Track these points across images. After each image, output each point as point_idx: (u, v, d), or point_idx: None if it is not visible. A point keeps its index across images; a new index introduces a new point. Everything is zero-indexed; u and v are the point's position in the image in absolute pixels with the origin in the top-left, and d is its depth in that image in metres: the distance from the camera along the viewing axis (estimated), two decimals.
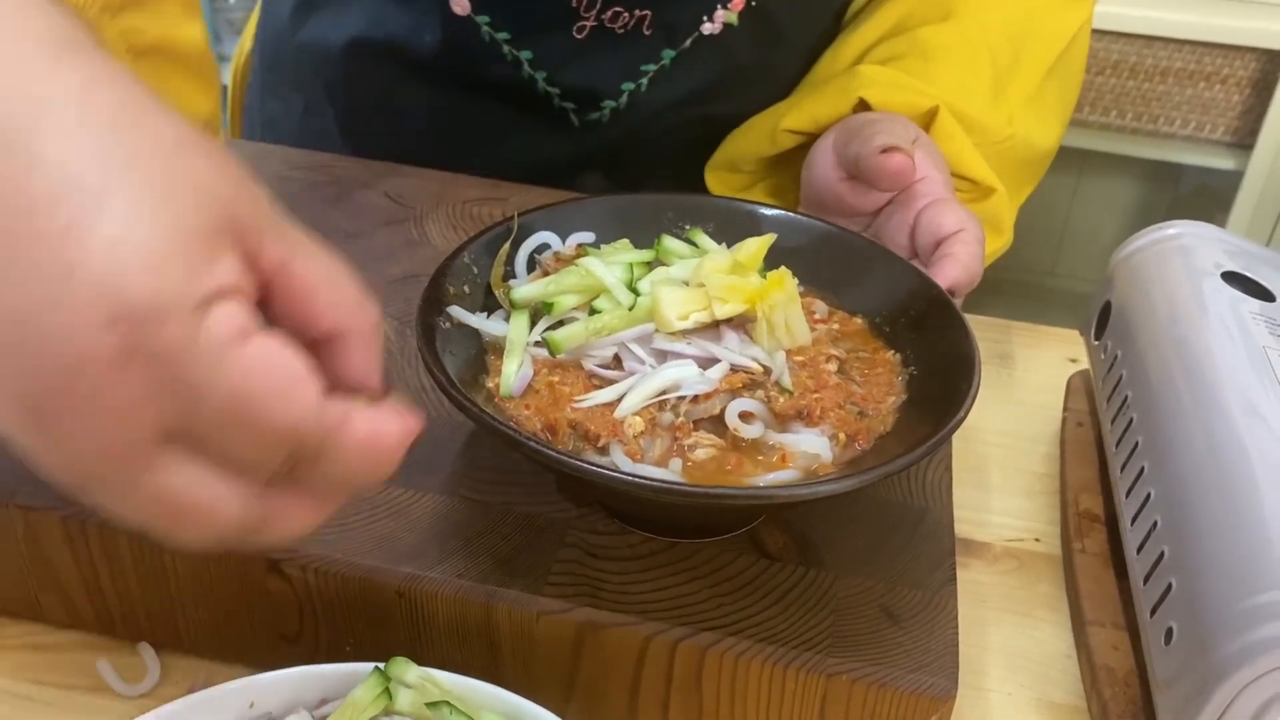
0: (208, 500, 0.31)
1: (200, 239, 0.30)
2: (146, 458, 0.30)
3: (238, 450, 0.31)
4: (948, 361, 0.50)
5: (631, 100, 0.77)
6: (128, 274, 0.28)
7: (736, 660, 0.46)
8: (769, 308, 0.50)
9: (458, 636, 0.48)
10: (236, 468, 0.32)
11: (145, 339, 0.29)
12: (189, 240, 0.30)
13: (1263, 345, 0.56)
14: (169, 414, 0.30)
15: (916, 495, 0.54)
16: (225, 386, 0.30)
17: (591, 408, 0.48)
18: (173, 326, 0.29)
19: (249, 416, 0.30)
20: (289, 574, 0.48)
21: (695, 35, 0.75)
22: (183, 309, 0.29)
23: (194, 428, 0.30)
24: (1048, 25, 0.79)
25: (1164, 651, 0.48)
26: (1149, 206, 2.19)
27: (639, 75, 0.76)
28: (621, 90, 0.76)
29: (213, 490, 0.31)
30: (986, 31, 0.75)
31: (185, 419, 0.30)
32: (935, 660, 0.46)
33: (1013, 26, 0.77)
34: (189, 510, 0.31)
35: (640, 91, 0.76)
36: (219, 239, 0.31)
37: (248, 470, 0.32)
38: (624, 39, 0.74)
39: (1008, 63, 0.75)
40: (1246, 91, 1.90)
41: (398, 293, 0.64)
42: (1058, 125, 0.82)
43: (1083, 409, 0.70)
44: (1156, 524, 0.52)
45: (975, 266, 0.59)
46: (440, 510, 0.50)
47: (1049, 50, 0.79)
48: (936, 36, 0.74)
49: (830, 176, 0.65)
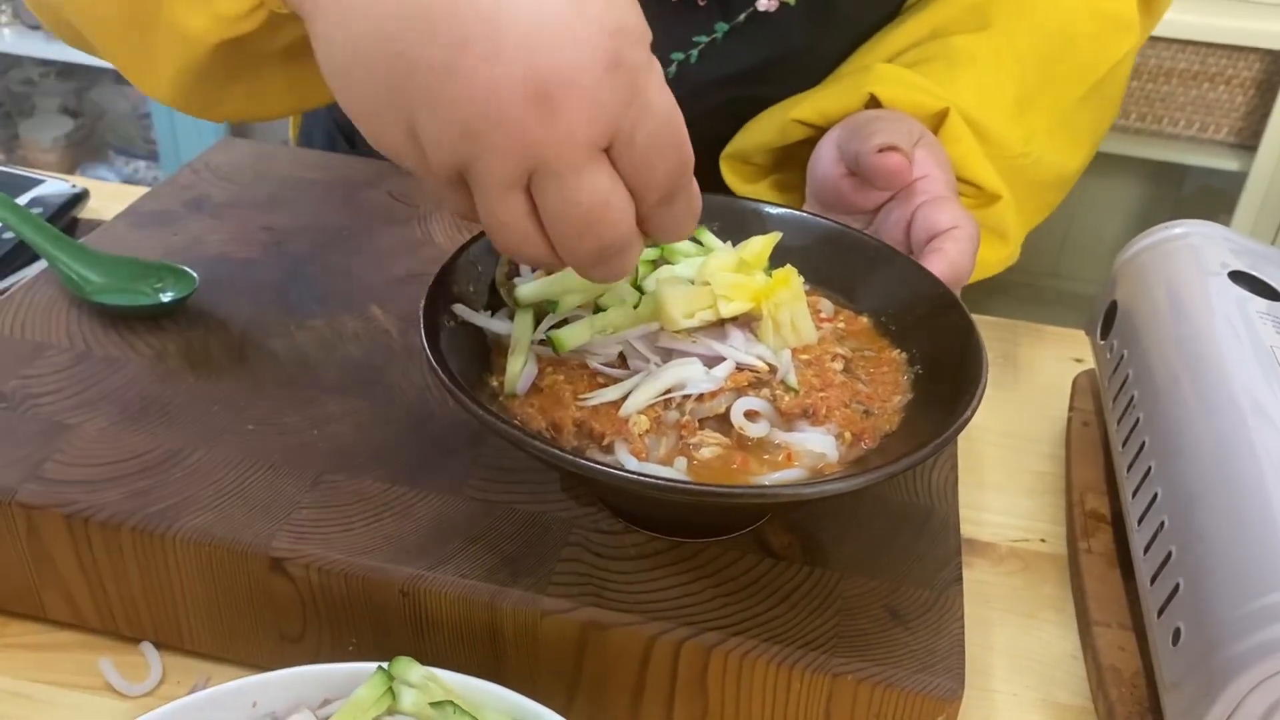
0: (617, 205, 0.39)
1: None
2: (588, 156, 0.38)
3: (652, 171, 0.39)
4: (954, 361, 0.50)
5: (680, 72, 0.76)
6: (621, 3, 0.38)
7: (741, 660, 0.46)
8: (775, 306, 0.50)
9: (461, 636, 0.48)
10: (641, 189, 0.40)
11: (631, 53, 0.38)
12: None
13: (1269, 344, 0.55)
14: (619, 121, 0.38)
15: (922, 495, 0.54)
16: (662, 110, 0.39)
17: (596, 406, 0.48)
18: (644, 48, 0.39)
19: (672, 141, 0.39)
20: (292, 573, 0.48)
21: (750, 10, 0.74)
22: (643, 43, 0.39)
23: (627, 143, 0.38)
24: (1087, 50, 0.78)
25: (1171, 652, 0.47)
26: (1153, 207, 2.19)
27: (690, 47, 0.75)
28: (671, 60, 0.76)
29: (620, 199, 0.39)
30: (1019, 48, 0.74)
31: (627, 130, 0.38)
32: (941, 661, 0.46)
33: (1049, 47, 0.76)
34: (600, 208, 0.39)
35: (690, 63, 0.76)
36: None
37: (648, 194, 0.40)
38: (678, 8, 0.74)
39: (1037, 82, 0.75)
40: (1251, 92, 1.90)
41: (402, 292, 0.64)
42: (1085, 150, 0.80)
43: (1088, 409, 0.69)
44: (1163, 524, 0.51)
45: (963, 264, 0.58)
46: (444, 509, 0.50)
47: (1085, 75, 0.78)
48: (967, 45, 0.73)
49: (833, 172, 0.64)
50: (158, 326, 0.60)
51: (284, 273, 0.66)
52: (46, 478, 0.50)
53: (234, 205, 0.72)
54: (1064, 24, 0.77)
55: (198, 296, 0.62)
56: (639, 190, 0.40)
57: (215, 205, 0.72)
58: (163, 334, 0.60)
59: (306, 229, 0.70)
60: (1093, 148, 0.82)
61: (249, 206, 0.72)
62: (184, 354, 0.59)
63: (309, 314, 0.62)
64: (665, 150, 0.39)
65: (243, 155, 0.78)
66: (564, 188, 0.38)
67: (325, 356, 0.59)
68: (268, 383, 0.57)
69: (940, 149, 0.66)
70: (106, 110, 2.61)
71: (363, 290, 0.64)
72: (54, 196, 0.83)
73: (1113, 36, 0.79)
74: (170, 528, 0.48)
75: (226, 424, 0.54)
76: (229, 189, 0.74)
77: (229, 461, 0.52)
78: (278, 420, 0.54)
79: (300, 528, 0.49)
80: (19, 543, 0.50)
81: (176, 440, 0.53)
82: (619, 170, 0.39)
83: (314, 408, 0.56)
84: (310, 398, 0.56)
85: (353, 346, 0.60)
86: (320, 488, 0.51)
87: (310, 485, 0.51)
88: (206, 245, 0.68)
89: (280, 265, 0.66)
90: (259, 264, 0.66)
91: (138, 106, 2.52)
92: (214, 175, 0.76)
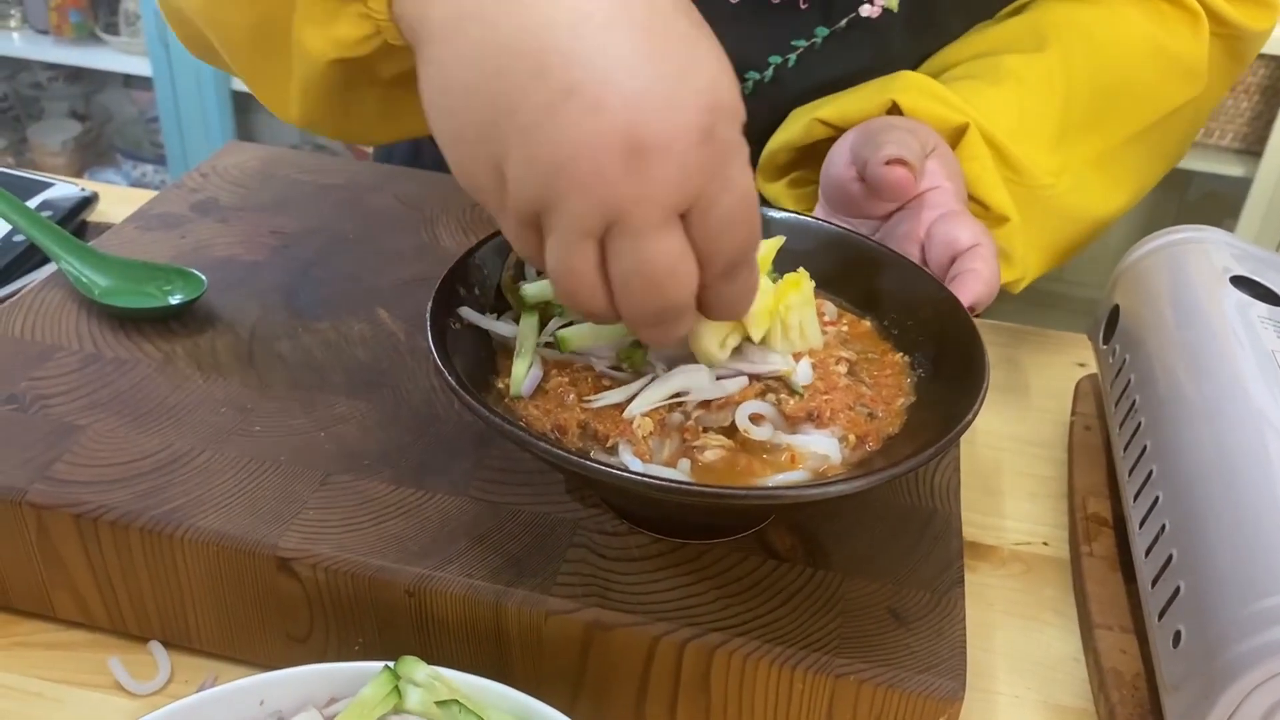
0: (684, 270, 0.40)
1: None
2: (667, 218, 0.39)
3: (721, 243, 0.40)
4: (956, 364, 0.50)
5: (777, 75, 0.75)
6: (724, 82, 0.40)
7: (744, 660, 0.46)
8: (785, 309, 0.50)
9: (466, 636, 0.48)
10: (708, 259, 0.41)
11: (724, 128, 0.39)
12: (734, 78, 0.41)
13: (1271, 349, 0.56)
14: (701, 190, 0.39)
15: (925, 497, 0.54)
16: (742, 188, 0.40)
17: (601, 409, 0.48)
18: (737, 126, 0.40)
19: (745, 217, 0.40)
20: (299, 573, 0.48)
21: (852, 16, 0.73)
22: (736, 119, 0.40)
23: (704, 212, 0.40)
24: (1145, 91, 0.75)
25: (1172, 655, 0.48)
26: (1158, 212, 2.19)
27: (788, 50, 0.74)
28: (769, 63, 0.75)
29: (689, 264, 0.40)
30: (1072, 75, 0.73)
31: (704, 202, 0.39)
32: (943, 662, 0.46)
33: (1104, 80, 0.74)
34: (669, 270, 0.40)
35: (787, 68, 0.75)
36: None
37: (713, 264, 0.41)
38: (778, 10, 0.73)
39: (1084, 116, 0.73)
40: (1256, 98, 1.90)
41: (408, 295, 0.65)
42: (1125, 195, 0.78)
43: (1091, 413, 0.70)
44: (1165, 527, 0.52)
45: (995, 282, 0.58)
46: (450, 510, 0.51)
47: (1138, 117, 0.75)
48: (1016, 65, 0.72)
49: (844, 176, 0.64)
50: (166, 329, 0.61)
51: (291, 276, 0.66)
52: (56, 478, 0.51)
53: (242, 209, 0.73)
54: (1123, 59, 0.75)
55: (206, 299, 0.63)
56: (705, 260, 0.41)
57: (223, 209, 0.73)
58: (171, 336, 0.60)
59: (314, 232, 0.71)
60: (1136, 194, 0.79)
61: (257, 210, 0.73)
62: (192, 356, 0.59)
63: (316, 316, 0.63)
64: (738, 225, 0.40)
65: (250, 159, 0.79)
66: (639, 244, 0.39)
67: (332, 359, 0.59)
68: (275, 384, 0.57)
69: (954, 161, 0.66)
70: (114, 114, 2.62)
71: (369, 293, 0.65)
72: (63, 200, 0.83)
73: (1174, 81, 0.76)
74: (179, 528, 0.49)
75: (234, 425, 0.54)
76: (237, 193, 0.75)
77: (237, 462, 0.52)
78: (285, 422, 0.55)
79: (307, 528, 0.49)
80: (29, 543, 0.51)
81: (185, 441, 0.53)
82: (691, 238, 0.40)
83: (321, 409, 0.56)
84: (317, 399, 0.56)
85: (359, 349, 0.60)
86: (327, 488, 0.51)
87: (317, 486, 0.51)
88: (214, 248, 0.69)
89: (288, 268, 0.67)
90: (267, 267, 0.67)
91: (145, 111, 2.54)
92: (222, 179, 0.76)
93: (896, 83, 0.70)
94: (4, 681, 0.51)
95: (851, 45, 0.74)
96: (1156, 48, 0.75)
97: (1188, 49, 0.76)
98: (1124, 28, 0.76)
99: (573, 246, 0.40)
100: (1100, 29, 0.75)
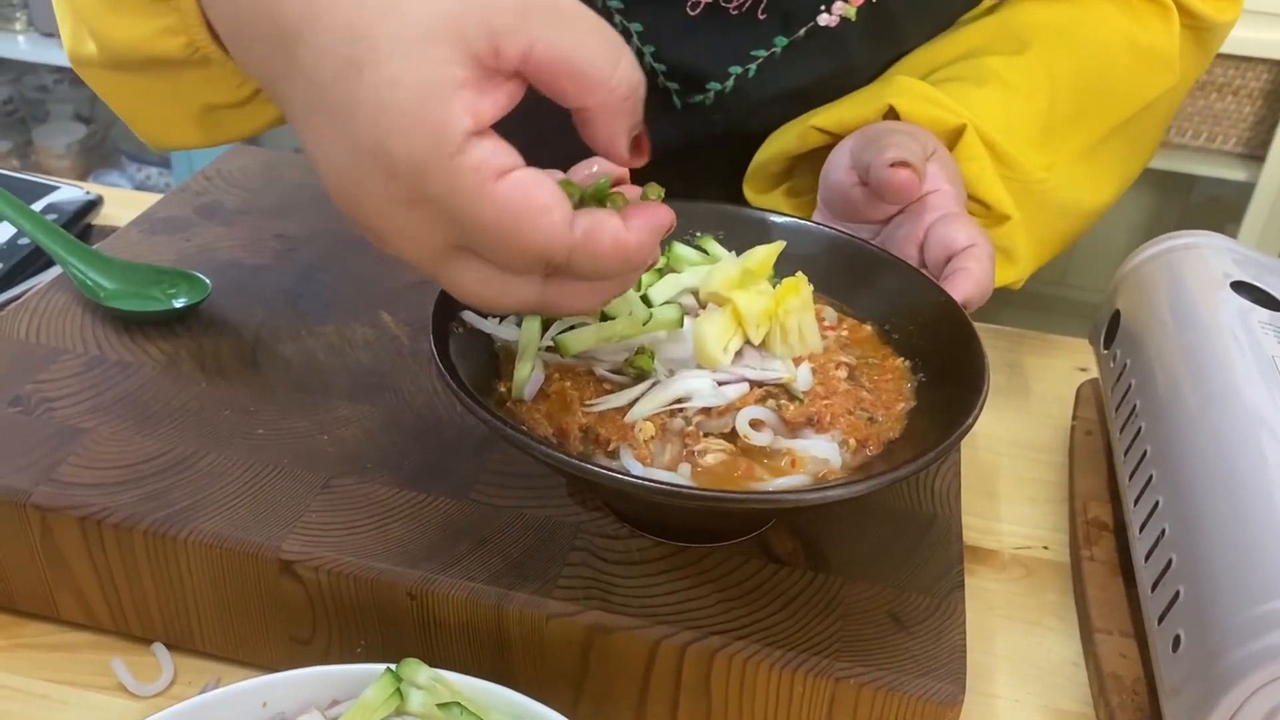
0: (496, 288, 0.41)
1: (444, 88, 0.38)
2: (444, 260, 0.41)
3: (506, 261, 0.40)
4: (956, 368, 0.51)
5: (738, 85, 0.75)
6: (391, 140, 0.38)
7: (745, 664, 0.46)
8: (784, 313, 0.50)
9: (468, 638, 0.49)
10: (512, 270, 0.41)
11: (418, 188, 0.38)
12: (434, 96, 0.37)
13: (1271, 354, 0.56)
14: (452, 235, 0.40)
15: (925, 501, 0.54)
16: (487, 216, 0.39)
17: (602, 412, 0.48)
18: (436, 176, 0.38)
19: (507, 240, 0.39)
20: (302, 576, 0.48)
21: (810, 25, 0.73)
22: (439, 161, 0.38)
23: (472, 244, 0.40)
24: (1124, 86, 0.77)
25: (1171, 659, 0.48)
26: (1160, 217, 2.19)
27: (748, 60, 0.75)
28: (729, 74, 0.75)
29: (497, 283, 0.41)
30: (1054, 75, 0.74)
31: (465, 238, 0.40)
32: (943, 666, 0.46)
33: (1085, 80, 0.75)
34: (483, 295, 0.42)
35: (748, 77, 0.75)
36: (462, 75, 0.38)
37: (520, 273, 0.41)
38: (737, 20, 0.73)
39: (1066, 112, 0.74)
40: (1259, 103, 1.90)
41: (411, 298, 0.65)
42: (1113, 185, 0.79)
43: (1092, 417, 0.70)
44: (1164, 532, 0.52)
45: (987, 281, 0.58)
46: (452, 513, 0.51)
47: (1118, 110, 0.77)
48: (999, 66, 0.73)
49: (845, 181, 0.65)
50: (170, 332, 0.61)
51: (295, 279, 0.67)
52: (61, 481, 0.51)
53: (246, 212, 0.73)
54: (1101, 56, 0.76)
55: (210, 302, 0.63)
56: (516, 274, 0.42)
57: (227, 212, 0.73)
58: (175, 339, 0.61)
59: (317, 235, 0.71)
60: (1121, 185, 0.80)
61: (260, 213, 0.73)
62: (196, 359, 0.59)
63: (320, 320, 0.63)
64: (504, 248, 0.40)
65: (254, 162, 0.79)
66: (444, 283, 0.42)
67: (335, 362, 0.60)
68: (278, 388, 0.58)
69: (953, 164, 0.66)
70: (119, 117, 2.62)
71: (373, 297, 0.65)
72: (68, 203, 0.84)
73: (1150, 74, 0.78)
74: (182, 530, 0.49)
75: (238, 428, 0.55)
76: (241, 196, 0.75)
77: (240, 465, 0.52)
78: (288, 425, 0.55)
79: (310, 531, 0.49)
80: (34, 545, 0.51)
81: (188, 444, 0.53)
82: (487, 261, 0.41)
83: (324, 413, 0.56)
84: (320, 403, 0.57)
85: (363, 352, 0.61)
86: (330, 491, 0.51)
87: (320, 489, 0.51)
88: (218, 251, 0.69)
89: (291, 271, 0.67)
90: (270, 270, 0.67)
91: None
92: (226, 182, 0.77)
93: (891, 87, 0.70)
94: (8, 683, 0.51)
95: (811, 54, 0.75)
96: (1132, 42, 0.77)
97: (1161, 41, 0.78)
98: (1100, 24, 0.77)
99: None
100: (1077, 27, 0.77)
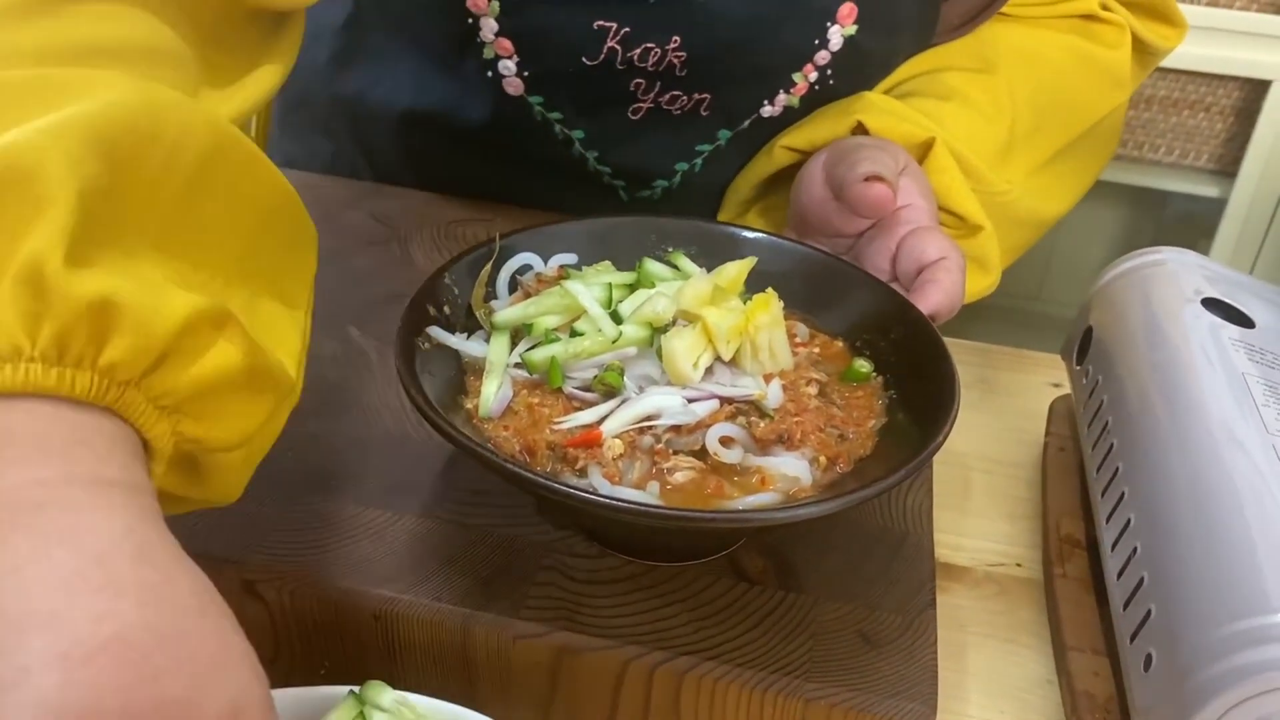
0: None
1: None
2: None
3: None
4: (928, 385, 0.50)
5: (685, 179, 0.76)
6: None
7: (714, 685, 0.46)
8: (754, 329, 0.50)
9: (434, 659, 0.48)
10: None
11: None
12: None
13: (1242, 371, 0.56)
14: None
15: (897, 519, 0.54)
16: None
17: (570, 429, 0.48)
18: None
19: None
20: (264, 595, 0.48)
21: (754, 117, 0.73)
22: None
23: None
24: (1080, 101, 0.78)
25: (1143, 678, 0.48)
26: (1134, 233, 2.20)
27: (694, 156, 0.75)
28: (675, 170, 0.75)
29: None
30: (1015, 96, 0.75)
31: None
32: (914, 686, 0.46)
33: (1043, 97, 0.76)
34: None
35: (694, 171, 0.75)
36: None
37: None
38: (680, 120, 0.73)
39: (1027, 129, 0.75)
40: (1230, 120, 1.91)
41: (380, 313, 0.64)
42: (1066, 197, 0.81)
43: (1065, 434, 0.70)
44: (1136, 550, 0.52)
45: (956, 293, 0.59)
46: (418, 532, 0.50)
47: (1073, 125, 0.78)
48: (962, 84, 0.74)
49: (817, 196, 0.65)
50: None
51: None
52: None
53: None
54: (1059, 76, 0.78)
55: None
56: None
57: None
58: None
59: None
60: (1074, 196, 0.82)
61: None
62: None
63: None
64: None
65: None
66: None
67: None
68: None
69: (924, 178, 0.66)
70: None
71: (341, 311, 0.64)
72: None
73: (1105, 90, 0.80)
74: None
75: None
76: None
77: None
78: None
79: (273, 550, 0.48)
80: None
81: None
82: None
83: (289, 428, 0.55)
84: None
85: (330, 367, 0.60)
86: (294, 509, 0.51)
87: (284, 507, 0.51)
88: None
89: None
90: None
91: None
92: None
93: (859, 103, 0.70)
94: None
95: (756, 141, 0.75)
96: (1088, 60, 0.79)
97: (1114, 59, 0.80)
98: (1057, 43, 0.79)
99: None
100: (1036, 45, 0.78)
